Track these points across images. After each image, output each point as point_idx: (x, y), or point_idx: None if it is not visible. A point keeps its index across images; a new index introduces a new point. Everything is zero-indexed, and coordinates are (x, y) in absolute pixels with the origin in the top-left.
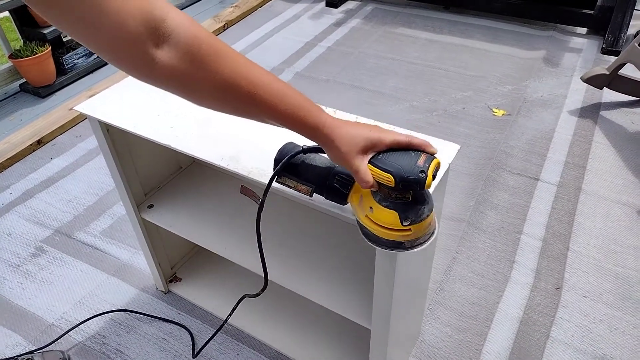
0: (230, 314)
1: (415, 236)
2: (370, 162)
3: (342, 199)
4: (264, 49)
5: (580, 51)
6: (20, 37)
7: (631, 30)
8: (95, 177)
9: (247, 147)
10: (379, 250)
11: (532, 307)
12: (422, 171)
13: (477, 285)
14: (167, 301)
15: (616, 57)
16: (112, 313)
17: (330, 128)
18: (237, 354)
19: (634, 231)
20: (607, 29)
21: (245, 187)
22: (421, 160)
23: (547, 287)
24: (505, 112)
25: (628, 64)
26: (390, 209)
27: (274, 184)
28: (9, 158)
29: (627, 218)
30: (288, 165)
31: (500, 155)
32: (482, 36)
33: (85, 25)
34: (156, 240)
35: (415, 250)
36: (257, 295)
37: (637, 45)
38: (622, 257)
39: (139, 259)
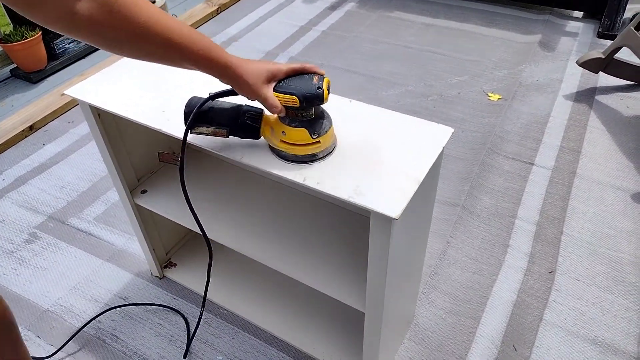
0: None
1: (324, 147)
2: (274, 89)
3: (255, 134)
4: (258, 33)
5: (576, 35)
6: (10, 22)
7: (627, 14)
8: (89, 163)
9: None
10: (372, 231)
11: (526, 290)
12: (318, 87)
13: (471, 269)
14: (162, 286)
15: (612, 41)
16: (113, 302)
17: (237, 66)
18: (233, 338)
19: (627, 215)
20: (603, 13)
21: (162, 153)
22: (315, 79)
23: (540, 271)
24: (500, 97)
25: (624, 47)
26: (300, 127)
27: (191, 136)
28: (1, 144)
29: (621, 202)
30: (199, 115)
31: (495, 139)
32: (478, 20)
33: None
34: (150, 225)
35: (326, 160)
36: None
37: (633, 29)
38: (615, 241)
39: (134, 245)
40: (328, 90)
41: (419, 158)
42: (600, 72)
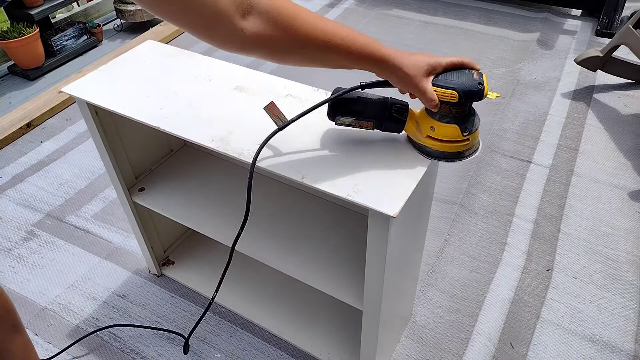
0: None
1: (471, 145)
2: (432, 83)
3: (400, 127)
4: None
5: (575, 33)
6: (7, 18)
7: (626, 12)
8: (86, 161)
9: (237, 129)
10: (370, 229)
11: (523, 288)
12: (479, 83)
13: (469, 267)
14: (160, 284)
15: (610, 39)
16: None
17: (396, 58)
18: (231, 336)
19: (624, 213)
20: (601, 11)
21: (273, 104)
22: (475, 75)
23: (538, 269)
24: (498, 95)
25: (622, 46)
26: (451, 123)
27: (335, 125)
28: None
29: (618, 200)
30: (344, 106)
31: (493, 138)
32: (477, 18)
33: (183, 8)
34: (148, 223)
35: (472, 157)
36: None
37: (631, 27)
38: (612, 239)
39: (132, 243)
40: (487, 85)
41: (418, 157)
42: (598, 70)
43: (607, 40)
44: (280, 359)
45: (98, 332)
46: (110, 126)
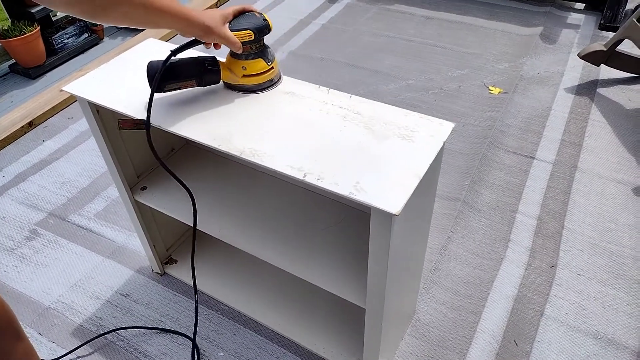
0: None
1: (276, 72)
2: (230, 29)
3: (217, 77)
4: None
5: (578, 27)
6: (8, 17)
7: (629, 6)
8: (89, 159)
9: (239, 127)
10: (372, 227)
11: (527, 285)
12: (264, 19)
13: (472, 264)
14: (163, 283)
15: (614, 33)
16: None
17: (198, 15)
18: (234, 334)
19: (628, 209)
20: (605, 4)
21: (123, 120)
22: (257, 14)
23: (541, 266)
24: (501, 90)
25: (626, 40)
26: (256, 58)
27: (162, 94)
28: (0, 140)
29: (622, 196)
30: (166, 75)
31: (496, 133)
32: (480, 12)
33: None
34: (150, 222)
35: (280, 84)
36: None
37: (635, 20)
38: (616, 235)
39: (134, 242)
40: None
41: (420, 153)
42: (601, 64)
43: (610, 34)
44: (283, 356)
45: (102, 331)
46: (112, 125)
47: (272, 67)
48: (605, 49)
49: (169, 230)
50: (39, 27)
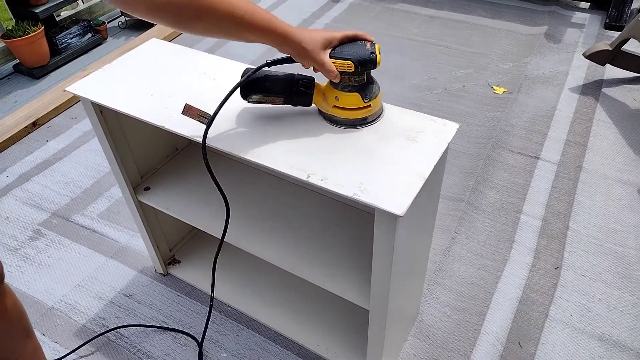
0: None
1: (374, 110)
2: (330, 56)
3: (308, 100)
4: None
5: (583, 26)
6: (12, 17)
7: (635, 5)
8: (92, 160)
9: (244, 127)
10: (377, 228)
11: (531, 286)
12: (372, 52)
13: (476, 265)
14: (166, 283)
15: (619, 33)
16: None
17: (294, 34)
18: (237, 335)
19: (634, 210)
20: (610, 3)
21: (189, 106)
22: (368, 45)
23: (546, 267)
24: (506, 90)
25: (632, 39)
26: (352, 92)
27: (248, 104)
28: (4, 140)
29: (627, 196)
30: (254, 85)
31: (501, 134)
32: (484, 12)
33: None
34: (153, 222)
35: (376, 123)
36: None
37: None
38: (622, 236)
39: (138, 242)
40: (380, 54)
41: (424, 154)
42: (607, 64)
43: (616, 34)
44: (286, 358)
45: (104, 331)
46: (115, 125)
47: (369, 105)
48: (610, 49)
49: (172, 230)
50: (42, 27)
